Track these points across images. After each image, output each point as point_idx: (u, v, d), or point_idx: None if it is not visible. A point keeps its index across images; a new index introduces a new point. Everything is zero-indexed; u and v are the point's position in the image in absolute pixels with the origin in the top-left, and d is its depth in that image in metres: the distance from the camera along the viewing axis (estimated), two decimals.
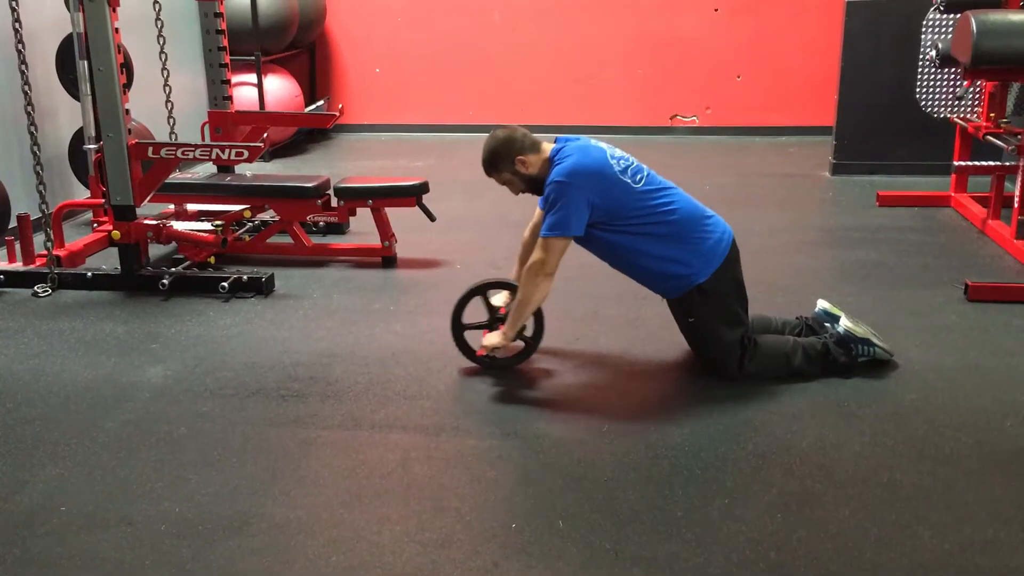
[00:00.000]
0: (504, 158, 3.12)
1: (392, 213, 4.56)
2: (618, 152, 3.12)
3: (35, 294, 4.16)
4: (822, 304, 3.34)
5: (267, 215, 4.91)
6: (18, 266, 4.30)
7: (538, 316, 3.23)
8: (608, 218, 3.04)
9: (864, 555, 2.24)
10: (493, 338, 3.18)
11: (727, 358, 3.12)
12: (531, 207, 5.54)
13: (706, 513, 2.42)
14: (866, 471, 2.60)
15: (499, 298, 3.34)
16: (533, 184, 3.14)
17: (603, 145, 3.12)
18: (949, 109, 5.24)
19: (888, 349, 3.21)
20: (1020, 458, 2.67)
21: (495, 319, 3.30)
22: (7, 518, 2.45)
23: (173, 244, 4.54)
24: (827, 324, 3.27)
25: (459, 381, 3.24)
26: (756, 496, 2.49)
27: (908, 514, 2.39)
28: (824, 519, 2.38)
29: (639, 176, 3.07)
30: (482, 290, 3.33)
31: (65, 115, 5.27)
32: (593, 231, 3.06)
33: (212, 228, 4.46)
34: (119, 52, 3.97)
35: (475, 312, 3.32)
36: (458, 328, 3.30)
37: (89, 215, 5.13)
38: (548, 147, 3.13)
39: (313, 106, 7.61)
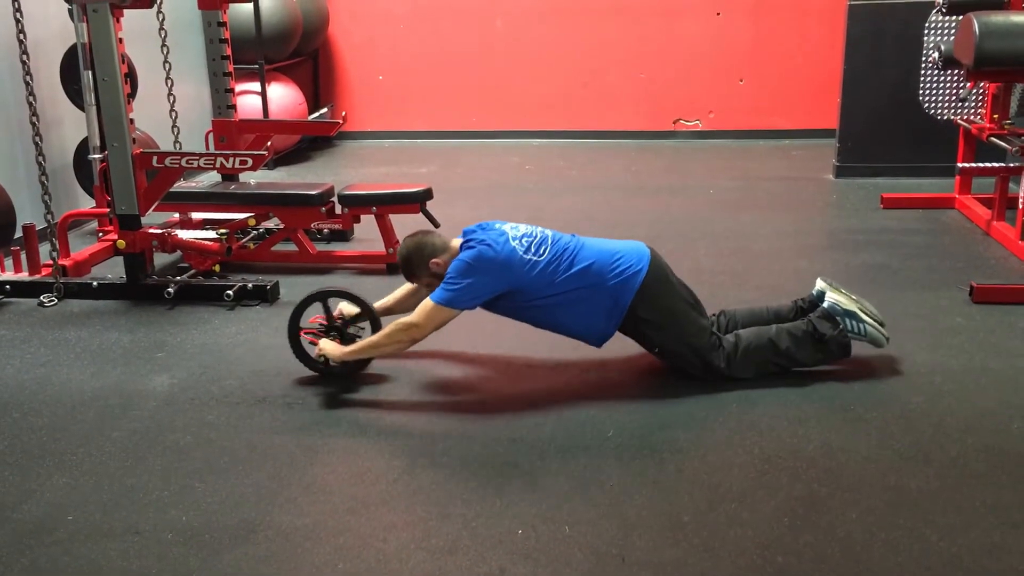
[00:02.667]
0: (418, 264, 3.20)
1: (396, 220, 4.57)
2: (521, 230, 3.17)
3: (41, 304, 4.17)
4: (820, 284, 3.33)
5: (271, 223, 4.92)
6: (24, 276, 4.32)
7: (376, 326, 3.26)
8: (519, 297, 3.10)
9: (872, 559, 2.23)
10: (330, 348, 3.20)
11: (706, 361, 3.12)
12: (534, 211, 5.56)
13: (713, 518, 2.41)
14: (873, 475, 2.60)
15: (346, 307, 3.34)
16: None
17: (506, 228, 3.16)
18: (952, 111, 5.24)
19: (881, 330, 3.19)
20: None
21: (331, 327, 3.30)
22: (14, 527, 2.46)
23: (178, 253, 4.55)
24: (820, 304, 3.27)
25: (464, 387, 3.25)
26: (763, 500, 2.49)
27: (915, 518, 2.39)
28: (831, 523, 2.38)
29: (543, 248, 3.11)
30: (330, 295, 3.33)
31: (70, 125, 5.29)
32: (503, 303, 3.13)
33: (217, 236, 4.47)
34: (123, 62, 3.98)
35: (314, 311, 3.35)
36: (295, 329, 3.31)
37: (94, 224, 5.15)
38: (457, 243, 3.19)
39: (317, 114, 7.62)
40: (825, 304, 3.21)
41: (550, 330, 3.25)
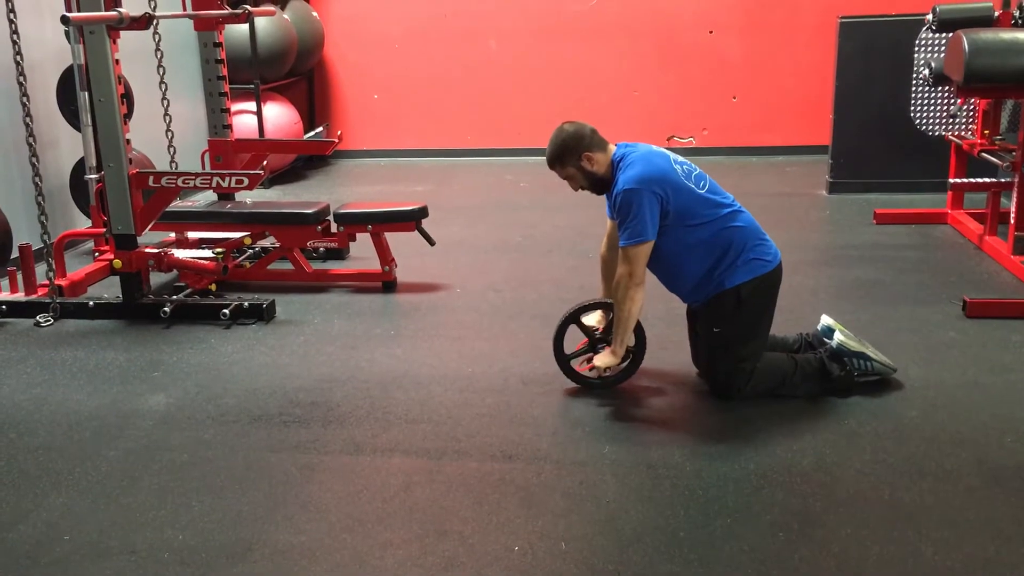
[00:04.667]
0: (572, 153, 3.14)
1: (392, 238, 4.58)
2: (680, 158, 3.17)
3: (37, 324, 4.17)
4: (825, 320, 3.35)
5: (267, 242, 4.93)
6: (20, 296, 4.32)
7: (638, 328, 3.23)
8: (677, 220, 3.06)
9: (866, 573, 2.24)
10: (604, 359, 3.19)
11: (738, 375, 3.12)
12: (531, 228, 5.58)
13: (708, 533, 2.42)
14: (867, 489, 2.61)
15: (591, 318, 3.34)
16: (595, 182, 3.17)
17: (665, 151, 3.15)
18: (943, 127, 5.28)
19: (889, 364, 3.22)
20: (1021, 475, 2.67)
21: (595, 341, 3.30)
22: (11, 548, 2.45)
23: (174, 272, 4.55)
24: (827, 340, 3.28)
25: (460, 405, 3.25)
26: (758, 515, 2.50)
27: (910, 532, 2.40)
28: (826, 538, 2.38)
29: (702, 183, 3.12)
30: (575, 317, 3.32)
31: (66, 146, 5.31)
32: (667, 235, 3.08)
33: (213, 256, 4.48)
34: (119, 83, 4.01)
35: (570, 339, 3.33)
36: (563, 359, 3.31)
37: (91, 244, 5.15)
38: (613, 148, 3.16)
39: (312, 133, 7.65)
40: (834, 344, 3.22)
41: (677, 272, 3.17)
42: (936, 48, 5.14)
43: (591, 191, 3.21)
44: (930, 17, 4.96)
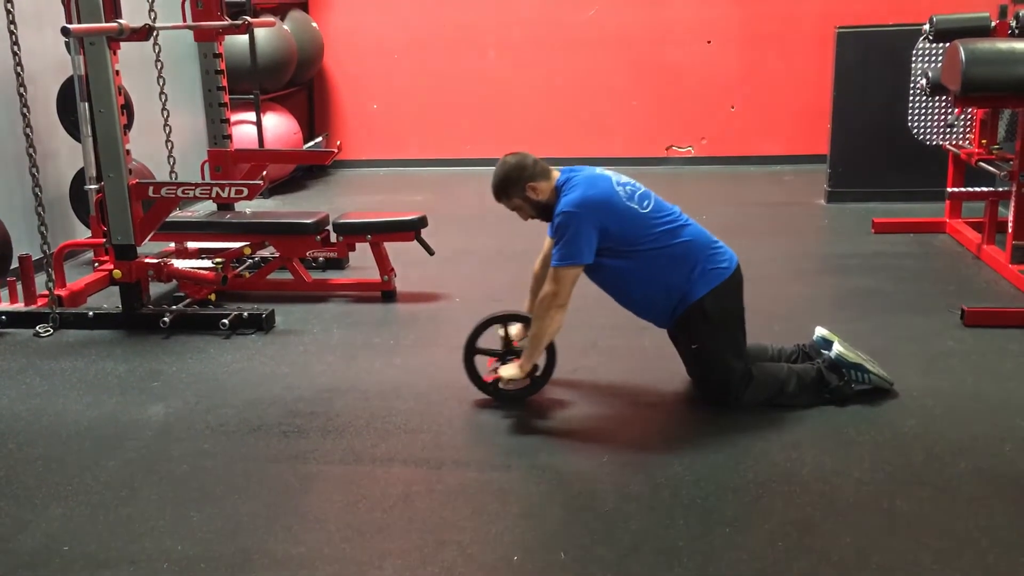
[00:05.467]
0: (515, 184, 3.15)
1: (391, 248, 4.59)
2: (624, 178, 3.16)
3: (37, 334, 4.18)
4: (820, 331, 3.36)
5: (267, 252, 4.94)
6: (20, 306, 4.32)
7: (550, 349, 3.24)
8: (618, 244, 3.06)
9: None
10: (509, 370, 3.20)
11: (731, 385, 3.13)
12: (530, 238, 5.57)
13: (707, 542, 2.42)
14: (866, 498, 2.61)
15: (513, 330, 3.35)
16: (542, 210, 3.17)
17: (608, 173, 3.16)
18: (941, 136, 5.29)
19: (886, 377, 3.23)
20: (1020, 484, 2.68)
21: (509, 351, 3.31)
22: (10, 559, 2.45)
23: (174, 282, 4.56)
24: (824, 351, 3.28)
25: (459, 414, 3.26)
26: (757, 525, 2.50)
27: (909, 541, 2.40)
28: (825, 547, 2.38)
29: (646, 202, 3.11)
30: (500, 320, 3.34)
31: (66, 156, 5.32)
32: (602, 259, 3.08)
33: (212, 266, 4.49)
34: (120, 93, 4.02)
35: (488, 341, 3.33)
36: (471, 352, 3.31)
37: (90, 254, 5.16)
38: (556, 174, 3.17)
39: (311, 143, 7.68)
40: (832, 355, 3.22)
41: (630, 298, 3.19)
42: (933, 58, 5.16)
43: (540, 219, 3.21)
44: (927, 27, 4.98)
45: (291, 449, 3.02)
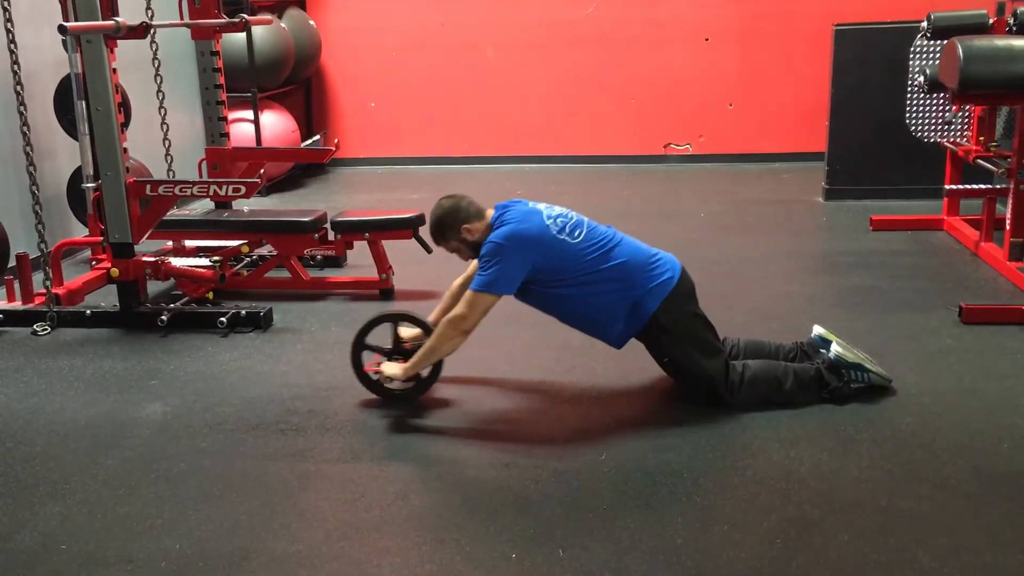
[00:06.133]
0: (450, 227, 3.19)
1: (389, 246, 4.59)
2: (556, 210, 3.18)
3: (34, 333, 4.17)
4: (818, 330, 3.36)
5: (265, 250, 4.94)
6: (17, 305, 4.32)
7: (438, 364, 3.26)
8: (553, 276, 3.10)
9: None
10: (392, 368, 3.21)
11: (714, 385, 3.13)
12: None
13: (706, 540, 2.42)
14: (864, 496, 2.61)
15: (406, 331, 3.36)
16: (479, 250, 3.19)
17: (540, 207, 3.17)
18: (939, 134, 5.30)
19: (885, 375, 3.23)
20: (1018, 481, 2.68)
21: (398, 350, 3.33)
22: (8, 558, 2.45)
23: (172, 281, 4.56)
24: (822, 350, 3.29)
25: (458, 412, 3.25)
26: (755, 523, 2.50)
27: (907, 539, 2.40)
28: (823, 545, 2.38)
29: (577, 231, 3.13)
30: (394, 319, 3.36)
31: (64, 155, 5.31)
32: (534, 287, 3.12)
33: (210, 264, 4.48)
34: (117, 92, 4.01)
35: (378, 337, 3.36)
36: (359, 347, 3.31)
37: (88, 253, 5.16)
38: (490, 212, 3.20)
39: (309, 141, 7.65)
40: (831, 355, 3.22)
41: (574, 323, 3.23)
42: (931, 55, 5.16)
43: (478, 259, 3.21)
44: (925, 24, 4.98)
45: (289, 447, 3.02)
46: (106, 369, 3.74)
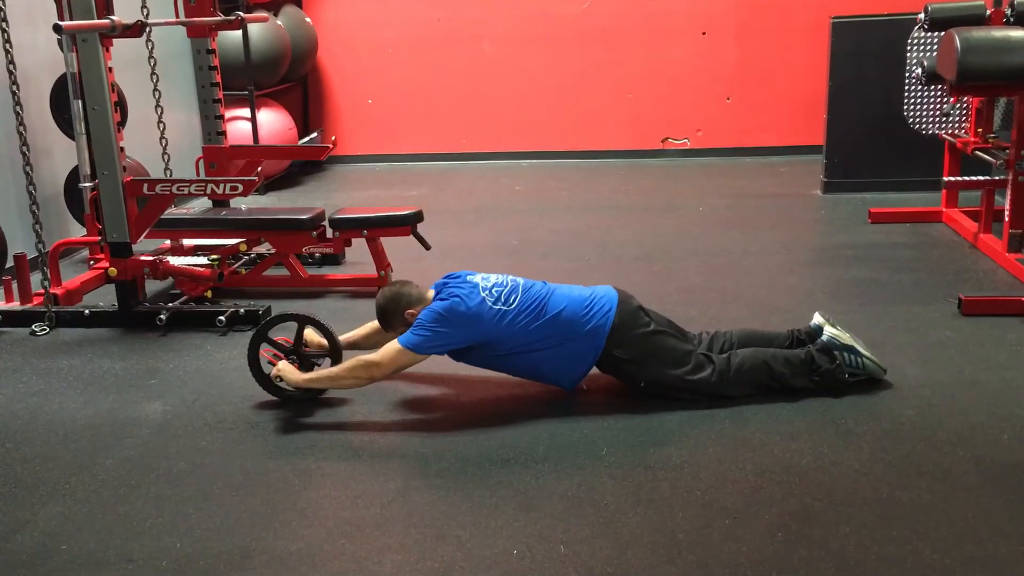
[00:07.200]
0: (394, 314, 3.24)
1: (387, 243, 4.58)
2: (492, 280, 3.21)
3: (33, 333, 4.16)
4: (817, 319, 3.35)
5: (263, 248, 4.93)
6: (16, 305, 4.31)
7: (339, 358, 3.29)
8: (491, 348, 3.16)
9: (865, 573, 2.24)
10: (288, 371, 3.21)
11: (697, 385, 3.14)
12: (526, 233, 5.56)
13: (707, 534, 2.42)
14: (865, 488, 2.61)
15: (315, 336, 3.36)
16: None
17: (477, 280, 3.20)
18: (937, 125, 5.29)
19: (877, 361, 3.22)
20: (1018, 472, 2.68)
21: (298, 353, 3.32)
22: (8, 558, 2.45)
23: (170, 280, 4.55)
24: (818, 336, 3.28)
25: (457, 408, 3.25)
26: (756, 516, 2.50)
27: (908, 531, 2.40)
28: (824, 538, 2.38)
29: (512, 297, 3.15)
30: (300, 320, 3.34)
31: (60, 154, 5.30)
32: (474, 353, 3.19)
33: (208, 262, 4.47)
34: (113, 91, 4.00)
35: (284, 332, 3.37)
36: (259, 341, 3.31)
37: (86, 253, 5.15)
38: (431, 294, 3.24)
39: (307, 139, 7.67)
40: (824, 338, 3.22)
41: (523, 376, 3.30)
42: (929, 47, 5.15)
43: None
44: (922, 16, 4.97)
45: (289, 445, 3.02)
46: (105, 369, 3.74)
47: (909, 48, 5.23)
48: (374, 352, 3.15)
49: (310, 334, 3.37)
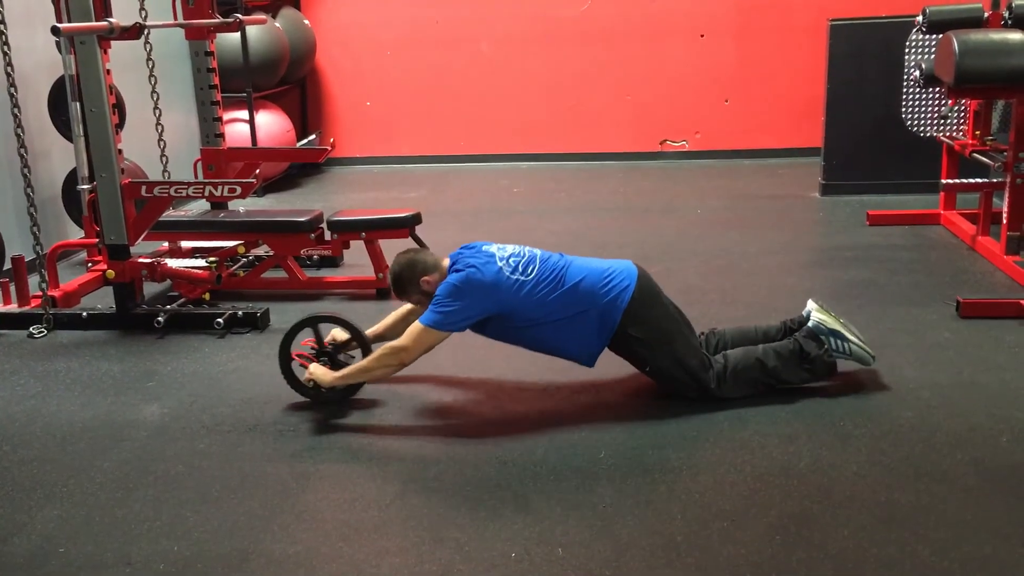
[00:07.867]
0: (409, 281, 3.21)
1: (386, 245, 4.58)
2: (508, 250, 3.19)
3: (31, 335, 4.16)
4: (809, 304, 3.35)
5: (261, 250, 4.93)
6: (13, 308, 4.31)
7: (367, 352, 3.28)
8: (509, 319, 3.13)
9: (864, 575, 2.24)
10: (320, 372, 3.21)
11: (701, 380, 3.13)
12: (526, 233, 5.56)
13: (705, 537, 2.42)
14: (864, 491, 2.61)
15: (342, 334, 3.36)
16: None
17: (494, 249, 3.18)
18: (935, 128, 5.29)
19: (866, 347, 3.22)
20: (1017, 474, 2.68)
21: (328, 353, 3.32)
22: (6, 561, 2.44)
23: (168, 282, 4.55)
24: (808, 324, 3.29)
25: (455, 411, 3.25)
26: (755, 519, 2.49)
27: (907, 533, 2.40)
28: (823, 540, 2.38)
29: (530, 268, 3.14)
30: (328, 321, 3.35)
31: (58, 156, 5.30)
32: (492, 325, 3.16)
33: (206, 265, 4.47)
34: (111, 93, 4.00)
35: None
36: (286, 354, 3.32)
37: (83, 255, 5.15)
38: (447, 263, 3.22)
39: (305, 141, 7.66)
40: (810, 324, 3.23)
41: (541, 351, 3.26)
42: (927, 49, 5.16)
43: None
44: (920, 18, 4.98)
45: (287, 448, 3.01)
46: (103, 371, 3.73)
47: (907, 50, 5.24)
48: (399, 338, 3.13)
49: (336, 332, 3.36)
